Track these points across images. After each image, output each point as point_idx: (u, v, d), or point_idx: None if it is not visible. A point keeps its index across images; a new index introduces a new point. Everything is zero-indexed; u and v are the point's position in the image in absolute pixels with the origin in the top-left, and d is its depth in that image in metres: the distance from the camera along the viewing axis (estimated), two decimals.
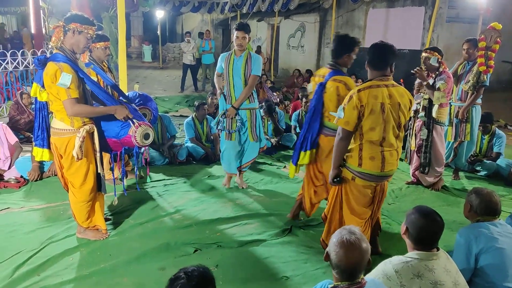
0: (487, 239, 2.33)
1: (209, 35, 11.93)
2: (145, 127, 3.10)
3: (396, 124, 2.76)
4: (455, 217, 3.99)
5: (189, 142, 5.69)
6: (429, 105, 4.33)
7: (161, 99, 9.88)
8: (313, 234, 3.56)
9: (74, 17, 2.95)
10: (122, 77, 4.89)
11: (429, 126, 4.36)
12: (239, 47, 4.18)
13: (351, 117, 2.69)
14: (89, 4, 9.23)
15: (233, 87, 4.27)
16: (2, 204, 3.94)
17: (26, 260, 3.00)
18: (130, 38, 20.73)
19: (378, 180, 2.84)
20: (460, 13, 8.92)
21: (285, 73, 14.64)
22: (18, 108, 6.28)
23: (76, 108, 2.90)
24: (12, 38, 16.96)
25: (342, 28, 12.03)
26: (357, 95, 2.68)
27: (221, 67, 4.36)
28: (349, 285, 1.74)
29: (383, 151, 2.75)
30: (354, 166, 2.80)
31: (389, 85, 2.74)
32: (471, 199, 2.54)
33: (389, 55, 2.75)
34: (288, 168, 5.30)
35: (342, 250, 1.73)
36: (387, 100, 2.69)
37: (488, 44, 4.33)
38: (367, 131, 2.72)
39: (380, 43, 2.80)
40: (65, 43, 2.95)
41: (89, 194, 3.19)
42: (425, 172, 4.52)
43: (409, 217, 2.13)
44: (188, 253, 3.19)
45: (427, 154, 4.44)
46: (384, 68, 2.74)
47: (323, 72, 3.39)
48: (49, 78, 2.85)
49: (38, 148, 3.17)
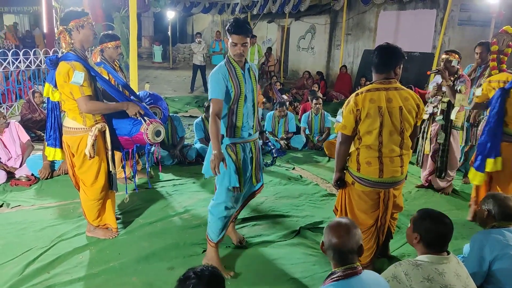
0: (502, 246, 2.30)
1: (220, 36, 11.93)
2: (156, 124, 3.13)
3: (398, 129, 2.65)
4: (465, 221, 3.95)
5: (198, 143, 5.71)
6: (447, 108, 4.27)
7: (171, 99, 9.92)
8: (321, 236, 3.52)
9: (69, 16, 2.96)
10: (133, 77, 4.93)
11: (446, 130, 4.31)
12: (238, 57, 2.78)
13: (348, 121, 2.66)
14: (101, 4, 9.32)
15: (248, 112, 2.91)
16: (13, 202, 3.99)
17: (36, 258, 3.04)
18: (141, 39, 20.86)
19: (379, 187, 2.73)
20: (472, 16, 8.82)
21: (295, 75, 14.62)
22: (30, 106, 6.35)
23: (90, 105, 2.93)
24: (24, 38, 17.18)
25: (353, 30, 11.98)
26: (354, 99, 2.66)
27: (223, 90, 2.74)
28: (344, 269, 1.80)
29: (381, 157, 2.66)
30: (353, 171, 2.77)
31: (391, 89, 2.65)
32: (488, 204, 2.50)
33: (393, 58, 2.66)
34: (296, 170, 5.33)
35: (332, 229, 1.86)
36: (385, 104, 2.61)
37: (500, 47, 4.28)
38: (364, 134, 2.67)
39: (385, 45, 2.70)
40: (75, 43, 2.97)
41: (100, 193, 3.21)
42: (441, 177, 4.46)
43: (417, 221, 2.13)
44: (197, 253, 3.19)
45: (444, 159, 4.39)
46: (386, 71, 2.66)
47: (501, 77, 3.55)
48: (62, 77, 2.87)
49: (51, 148, 3.19)
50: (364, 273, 1.82)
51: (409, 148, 2.78)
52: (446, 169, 4.41)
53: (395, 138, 2.66)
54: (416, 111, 2.72)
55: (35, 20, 19.45)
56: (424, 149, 4.56)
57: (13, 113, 7.31)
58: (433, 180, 4.62)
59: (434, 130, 4.44)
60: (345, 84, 11.13)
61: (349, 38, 12.15)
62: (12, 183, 4.41)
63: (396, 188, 2.83)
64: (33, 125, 6.23)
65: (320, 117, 6.53)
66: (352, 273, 1.78)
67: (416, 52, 9.80)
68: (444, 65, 4.24)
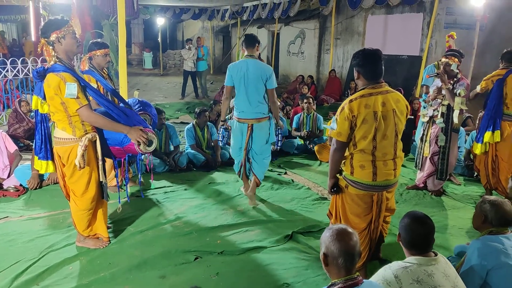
0: (502, 255, 2.28)
1: (200, 42, 11.77)
2: (149, 135, 3.08)
3: (392, 132, 2.69)
4: (455, 221, 3.98)
5: (189, 149, 5.69)
6: (448, 111, 4.31)
7: (161, 106, 9.87)
8: (314, 240, 3.54)
9: (49, 27, 2.88)
10: (123, 84, 4.90)
11: (447, 132, 4.35)
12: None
13: (343, 128, 2.65)
14: (89, 12, 9.27)
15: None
16: (1, 213, 3.93)
17: (25, 269, 2.99)
18: (131, 45, 20.80)
19: (372, 190, 2.74)
20: (458, 19, 8.95)
21: (285, 79, 14.67)
22: (17, 116, 6.28)
23: (92, 115, 2.89)
24: (12, 46, 17.02)
25: (342, 35, 12.08)
26: (349, 105, 2.64)
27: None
28: (345, 280, 1.77)
29: (374, 161, 2.68)
30: (347, 174, 2.77)
31: (383, 92, 2.67)
32: (485, 209, 2.46)
33: (380, 62, 2.68)
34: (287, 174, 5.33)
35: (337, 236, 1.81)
36: (380, 108, 2.62)
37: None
38: (360, 140, 2.67)
39: (368, 52, 2.70)
40: (59, 54, 2.90)
41: (91, 203, 3.17)
42: (442, 178, 4.51)
43: (400, 222, 2.16)
44: (189, 261, 3.17)
45: (445, 161, 4.43)
46: (377, 77, 2.68)
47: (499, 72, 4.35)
48: (53, 90, 2.80)
49: (42, 161, 3.11)
50: (365, 283, 1.81)
51: (401, 150, 2.81)
52: (447, 171, 4.46)
53: (388, 141, 2.69)
54: (406, 112, 2.78)
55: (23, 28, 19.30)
56: (423, 152, 4.60)
57: (1, 123, 7.22)
58: (428, 182, 4.66)
59: (434, 132, 4.48)
60: (335, 88, 11.21)
61: (338, 42, 12.24)
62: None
63: (389, 191, 2.85)
64: (20, 134, 6.16)
65: (312, 117, 6.54)
66: (353, 283, 1.77)
67: (404, 55, 9.91)
68: (443, 68, 4.28)
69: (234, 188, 4.78)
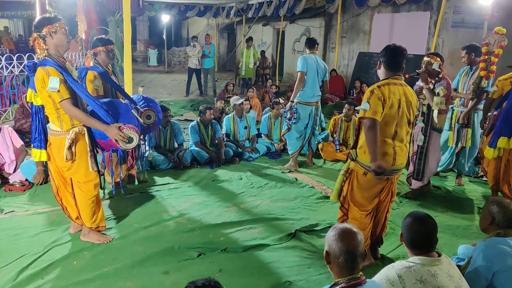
0: (508, 257, 2.25)
1: (209, 39, 11.79)
2: (128, 131, 3.07)
3: (407, 121, 2.94)
4: (459, 222, 3.97)
5: (193, 146, 5.70)
6: (428, 111, 4.30)
7: (166, 103, 9.88)
8: (317, 239, 3.54)
9: (42, 22, 2.99)
10: (128, 80, 4.91)
11: (426, 132, 4.34)
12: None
13: (378, 108, 2.77)
14: (95, 8, 9.30)
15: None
16: (7, 207, 3.96)
17: (30, 264, 3.01)
18: (136, 42, 20.86)
19: (390, 174, 2.94)
20: (465, 18, 8.88)
21: (290, 78, 14.64)
22: (24, 111, 6.31)
23: (72, 109, 2.97)
24: (18, 42, 17.10)
25: (347, 33, 12.03)
26: (378, 90, 2.81)
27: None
28: (349, 280, 1.78)
29: (394, 146, 2.89)
30: (366, 162, 2.87)
31: (402, 84, 2.94)
32: (493, 211, 2.43)
33: (404, 57, 2.95)
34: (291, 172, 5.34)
35: (341, 235, 1.82)
36: (403, 98, 2.86)
37: (491, 49, 4.31)
38: (383, 126, 2.82)
39: (394, 46, 2.98)
40: (49, 49, 3.00)
41: (94, 188, 3.27)
42: (419, 179, 4.49)
43: (403, 223, 2.16)
44: (192, 257, 3.18)
45: (422, 161, 4.42)
46: (399, 69, 2.93)
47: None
48: (39, 83, 2.93)
49: (36, 150, 3.25)
50: (368, 283, 1.81)
51: (410, 135, 3.03)
52: (424, 171, 4.43)
53: (404, 129, 2.95)
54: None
55: (29, 24, 19.37)
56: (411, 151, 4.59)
57: (7, 118, 7.27)
58: (410, 181, 4.66)
59: (416, 132, 4.48)
60: (339, 87, 11.16)
61: (344, 40, 12.19)
62: (5, 189, 4.38)
63: (399, 173, 3.07)
64: (26, 129, 6.19)
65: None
66: (356, 283, 1.77)
67: (411, 55, 9.82)
68: (425, 67, 4.28)
69: (238, 185, 4.79)
